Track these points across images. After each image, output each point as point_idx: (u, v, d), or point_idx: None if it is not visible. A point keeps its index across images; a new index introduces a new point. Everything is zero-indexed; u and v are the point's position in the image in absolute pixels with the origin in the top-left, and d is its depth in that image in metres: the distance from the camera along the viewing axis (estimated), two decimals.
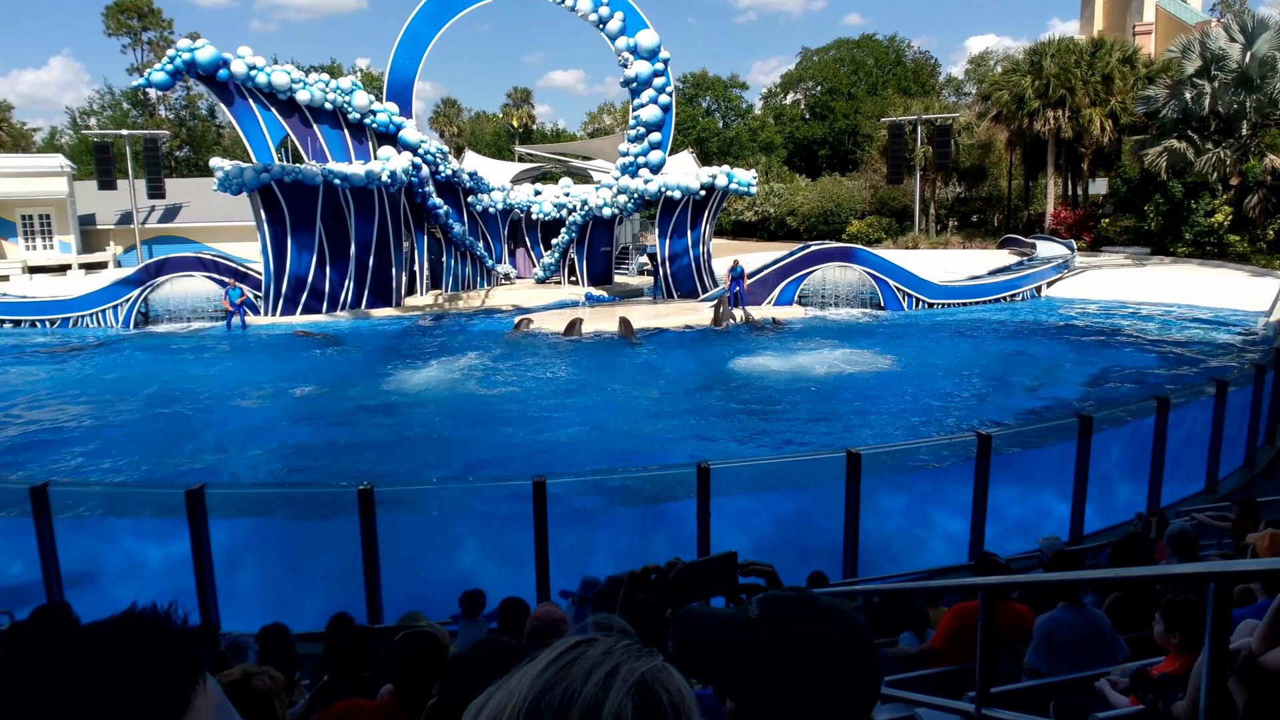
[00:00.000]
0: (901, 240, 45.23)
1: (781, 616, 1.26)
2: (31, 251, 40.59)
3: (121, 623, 0.83)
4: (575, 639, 0.89)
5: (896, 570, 9.16)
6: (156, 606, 0.87)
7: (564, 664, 0.84)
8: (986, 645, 4.19)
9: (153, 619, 0.85)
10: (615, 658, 0.85)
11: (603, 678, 0.82)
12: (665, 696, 0.84)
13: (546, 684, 0.82)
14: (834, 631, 1.25)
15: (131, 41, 63.03)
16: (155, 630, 0.83)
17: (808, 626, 1.25)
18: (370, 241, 26.62)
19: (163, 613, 0.86)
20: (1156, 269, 32.27)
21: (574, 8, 26.53)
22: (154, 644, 0.82)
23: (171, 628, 0.85)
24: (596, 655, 0.85)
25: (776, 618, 1.26)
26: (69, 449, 14.47)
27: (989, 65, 52.52)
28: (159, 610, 0.87)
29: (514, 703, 0.82)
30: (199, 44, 25.14)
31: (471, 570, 9.10)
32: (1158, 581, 5.44)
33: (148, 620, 0.84)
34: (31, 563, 8.20)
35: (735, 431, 15.07)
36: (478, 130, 74.13)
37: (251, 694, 3.28)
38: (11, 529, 8.82)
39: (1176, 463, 10.68)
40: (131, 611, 0.85)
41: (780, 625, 1.25)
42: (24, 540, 8.23)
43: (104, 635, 0.81)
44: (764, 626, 1.26)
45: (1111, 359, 19.99)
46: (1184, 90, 33.88)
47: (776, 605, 1.28)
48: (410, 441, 14.86)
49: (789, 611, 1.27)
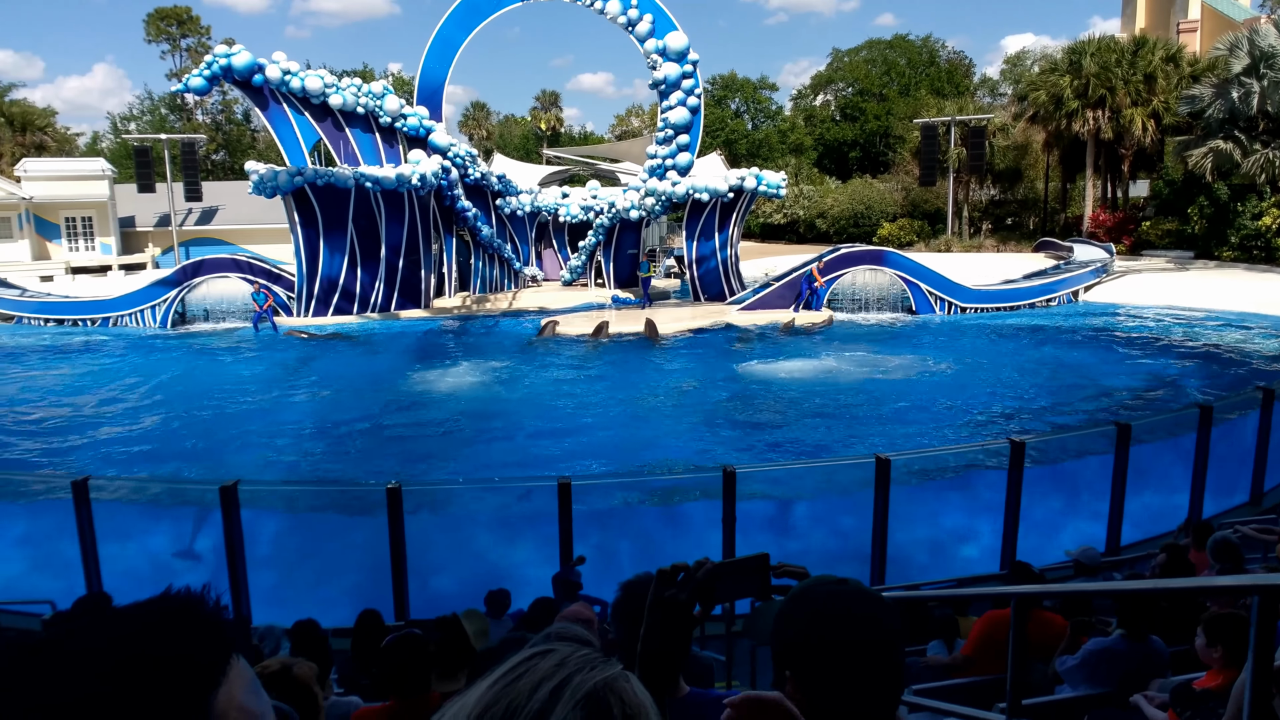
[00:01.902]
0: (934, 243, 44.71)
1: (814, 600, 1.43)
2: (74, 253, 41.43)
3: (159, 600, 0.87)
4: (530, 651, 0.87)
5: (925, 578, 9.01)
6: (190, 588, 0.91)
7: (512, 679, 0.83)
8: (1018, 655, 4.07)
9: (188, 597, 0.88)
10: (568, 668, 0.83)
11: (550, 691, 0.81)
12: (618, 707, 0.82)
13: (491, 699, 0.81)
14: (864, 614, 1.39)
15: (170, 48, 64.14)
16: (191, 606, 0.87)
17: (838, 608, 1.40)
18: (400, 244, 26.80)
19: (198, 592, 0.90)
20: (1200, 273, 31.54)
21: (603, 10, 26.55)
22: (190, 618, 0.85)
23: (206, 605, 0.88)
24: (548, 668, 0.84)
25: (810, 600, 1.43)
26: (107, 445, 14.70)
27: (1026, 65, 51.80)
28: (194, 590, 0.91)
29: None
30: (235, 50, 25.49)
31: (497, 567, 9.09)
32: (1199, 593, 5.28)
33: (184, 598, 0.88)
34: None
35: (760, 435, 14.95)
36: (506, 133, 74.43)
37: (293, 682, 3.24)
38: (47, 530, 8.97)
39: (1220, 473, 10.41)
40: (168, 591, 0.89)
41: (812, 607, 1.41)
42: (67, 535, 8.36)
43: (142, 611, 0.85)
44: (800, 607, 1.42)
45: (1152, 366, 19.59)
46: (1231, 89, 33.11)
47: (810, 588, 1.46)
48: (436, 441, 14.91)
49: (822, 595, 1.43)
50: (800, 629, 1.40)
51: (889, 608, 1.42)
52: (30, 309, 27.32)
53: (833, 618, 1.39)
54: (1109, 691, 4.59)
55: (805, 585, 1.47)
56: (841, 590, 1.43)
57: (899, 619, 1.42)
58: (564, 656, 0.86)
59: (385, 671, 3.77)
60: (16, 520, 9.79)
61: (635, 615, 1.76)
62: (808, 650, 1.38)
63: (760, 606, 1.67)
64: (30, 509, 9.84)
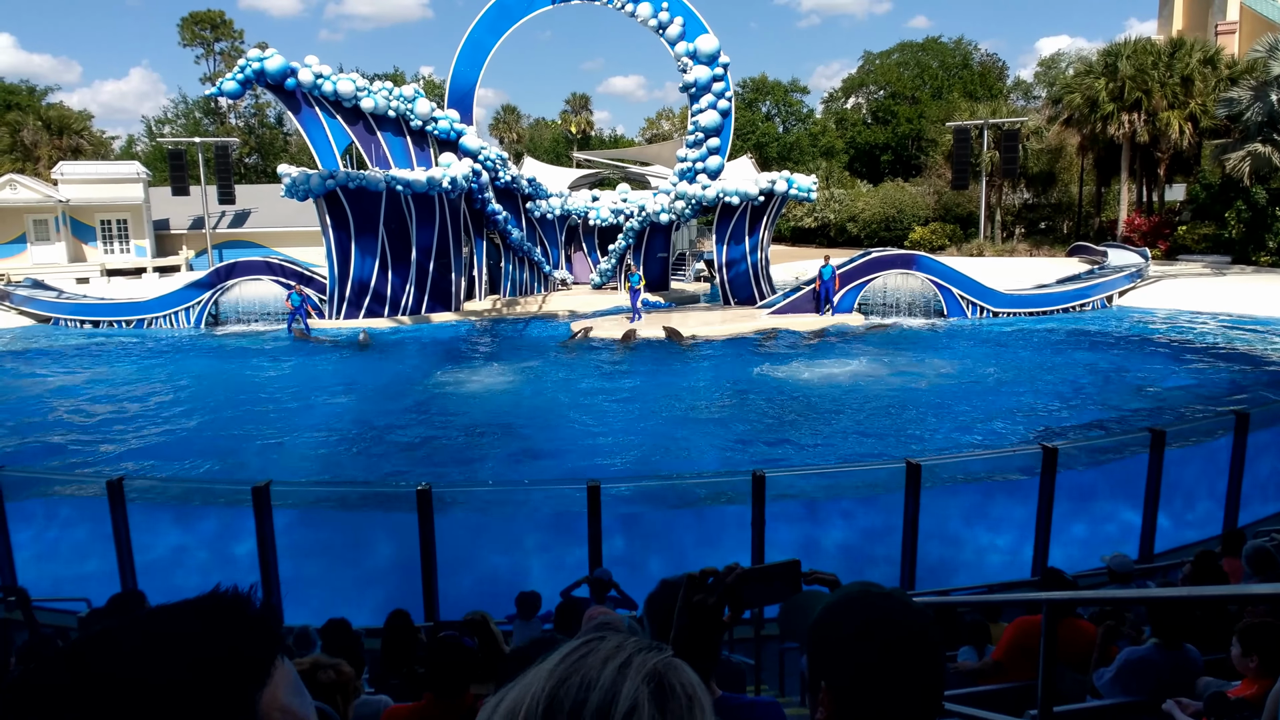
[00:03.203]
0: (966, 247, 44.31)
1: (861, 609, 1.40)
2: (109, 255, 42.15)
3: (208, 598, 0.89)
4: (586, 636, 0.91)
5: (955, 583, 8.95)
6: (238, 586, 0.92)
7: (579, 656, 0.87)
8: (1049, 662, 4.05)
9: (236, 595, 0.90)
10: (627, 650, 0.88)
11: (618, 667, 0.85)
12: (679, 686, 0.86)
13: (563, 675, 0.85)
14: (911, 625, 1.36)
15: (204, 52, 65.16)
16: (239, 604, 0.88)
17: (887, 619, 1.37)
18: (431, 247, 27.01)
19: (245, 591, 0.91)
20: (1238, 278, 31.00)
21: (634, 14, 26.61)
22: (238, 616, 0.87)
23: (254, 604, 0.90)
24: (609, 649, 0.88)
25: (856, 609, 1.40)
26: (142, 445, 14.94)
27: (1060, 67, 51.20)
28: (241, 589, 0.92)
29: (532, 693, 0.84)
30: (268, 54, 25.84)
31: (521, 571, 9.14)
32: (1234, 601, 5.20)
33: (232, 596, 0.89)
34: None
35: (788, 439, 14.90)
36: (537, 137, 74.75)
37: (317, 687, 3.25)
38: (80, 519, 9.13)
39: (1256, 481, 10.24)
40: (215, 590, 0.91)
41: (863, 617, 1.38)
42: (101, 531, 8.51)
43: (192, 609, 0.86)
44: (846, 616, 1.39)
45: (1187, 371, 19.29)
46: (1270, 92, 32.53)
47: (856, 596, 1.43)
48: (464, 443, 15.01)
49: (869, 604, 1.40)
50: (847, 638, 1.36)
51: (932, 619, 1.40)
52: (66, 310, 27.83)
53: (882, 627, 1.35)
54: (1142, 700, 4.55)
55: (849, 593, 1.44)
56: (888, 601, 1.41)
57: (939, 631, 1.40)
58: (621, 640, 0.89)
59: (430, 671, 3.80)
60: (53, 518, 9.98)
61: (668, 611, 1.78)
62: (853, 660, 1.35)
63: (795, 600, 1.65)
64: (67, 507, 10.02)
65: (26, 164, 49.02)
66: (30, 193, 40.41)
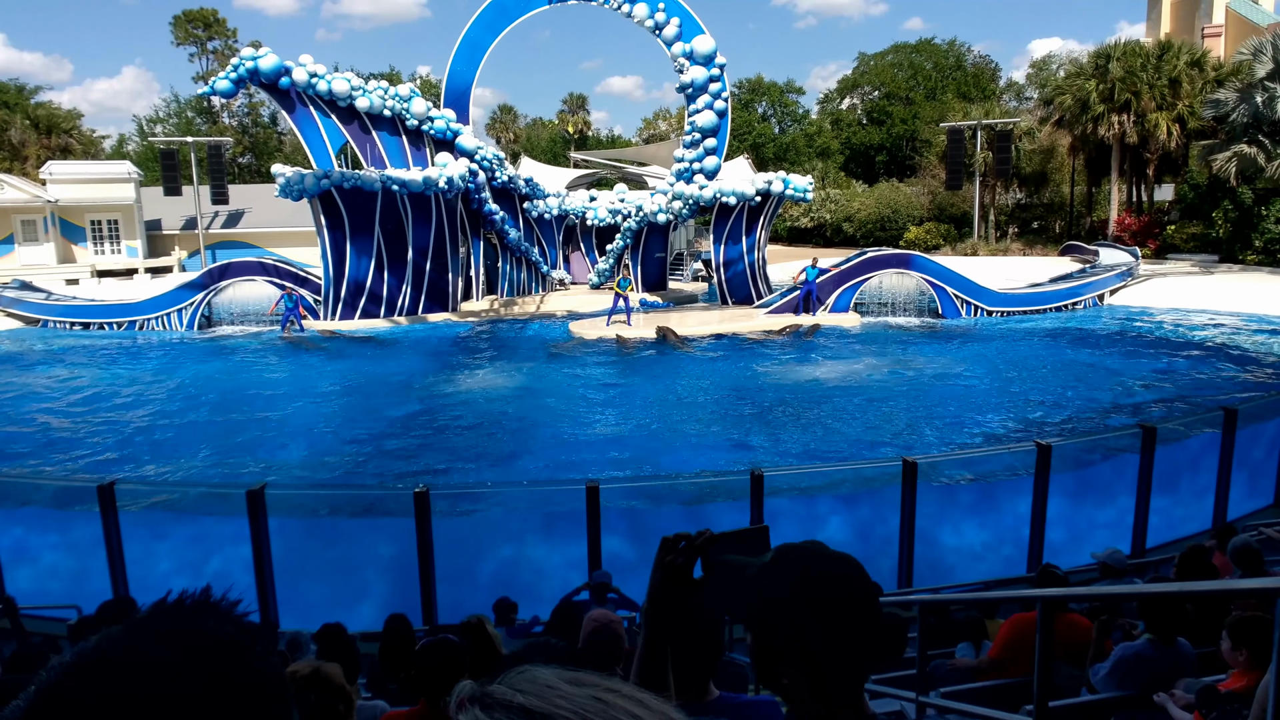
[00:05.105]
0: (960, 247, 44.52)
1: (792, 561, 1.50)
2: (100, 256, 41.78)
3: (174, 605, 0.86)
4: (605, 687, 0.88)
5: (952, 581, 9.03)
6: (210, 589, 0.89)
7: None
8: (1045, 658, 4.12)
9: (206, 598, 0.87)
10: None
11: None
12: None
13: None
14: (837, 574, 1.48)
15: (198, 50, 64.96)
16: (204, 608, 0.85)
17: (813, 570, 1.48)
18: (427, 247, 27.00)
19: (222, 599, 0.88)
20: (1225, 277, 31.27)
21: (630, 14, 26.64)
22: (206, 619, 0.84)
23: (219, 607, 0.86)
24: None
25: (787, 562, 1.50)
26: (130, 448, 14.92)
27: (1052, 69, 51.39)
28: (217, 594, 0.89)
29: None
30: (261, 52, 25.79)
31: (520, 572, 9.19)
32: (1222, 596, 5.30)
33: (198, 603, 0.86)
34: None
35: (786, 438, 14.98)
36: (534, 136, 74.69)
37: (326, 683, 3.25)
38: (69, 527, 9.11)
39: (1243, 475, 10.36)
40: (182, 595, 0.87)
41: (790, 568, 1.49)
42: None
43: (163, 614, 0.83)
44: (776, 570, 1.50)
45: (1177, 368, 19.45)
46: (1255, 94, 32.80)
47: (787, 551, 1.53)
48: (463, 444, 15.03)
49: (798, 557, 1.50)
50: (790, 587, 1.47)
51: (860, 565, 1.50)
52: (55, 312, 27.52)
53: (820, 574, 1.47)
54: (1135, 694, 4.64)
55: (780, 550, 1.54)
56: (819, 550, 1.51)
57: (870, 584, 1.49)
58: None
59: (420, 674, 3.80)
60: (42, 524, 9.83)
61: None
62: (799, 606, 1.45)
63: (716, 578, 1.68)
64: (56, 512, 9.89)
65: (14, 164, 48.69)
66: (17, 193, 39.89)
